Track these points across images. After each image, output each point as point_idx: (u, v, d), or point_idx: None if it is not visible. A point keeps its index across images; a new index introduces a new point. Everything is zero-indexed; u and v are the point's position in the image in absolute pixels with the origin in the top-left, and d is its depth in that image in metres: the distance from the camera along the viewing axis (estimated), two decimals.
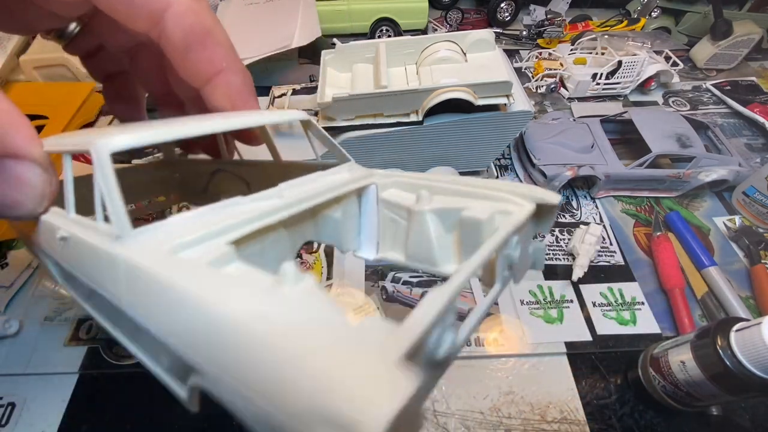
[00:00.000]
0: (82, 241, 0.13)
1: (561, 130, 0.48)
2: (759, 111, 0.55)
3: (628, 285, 0.39)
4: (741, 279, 0.40)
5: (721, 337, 0.25)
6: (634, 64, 0.55)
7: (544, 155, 0.45)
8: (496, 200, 0.14)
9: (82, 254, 0.13)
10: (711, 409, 0.31)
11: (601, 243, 0.42)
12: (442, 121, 0.38)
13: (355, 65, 0.41)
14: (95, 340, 0.34)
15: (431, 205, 0.14)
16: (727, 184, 0.46)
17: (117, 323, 0.14)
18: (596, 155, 0.46)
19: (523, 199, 0.13)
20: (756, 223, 0.44)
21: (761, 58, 0.66)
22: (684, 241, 0.41)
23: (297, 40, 0.50)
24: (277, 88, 0.46)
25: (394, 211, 0.16)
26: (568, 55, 0.60)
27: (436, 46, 0.39)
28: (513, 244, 0.13)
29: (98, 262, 0.12)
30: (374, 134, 0.39)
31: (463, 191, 0.14)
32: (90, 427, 0.31)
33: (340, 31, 0.67)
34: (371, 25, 0.67)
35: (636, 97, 0.59)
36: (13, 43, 0.53)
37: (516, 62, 0.63)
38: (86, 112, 0.53)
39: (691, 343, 0.27)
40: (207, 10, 0.17)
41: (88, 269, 0.13)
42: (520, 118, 0.39)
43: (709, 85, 0.61)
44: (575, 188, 0.47)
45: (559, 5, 0.72)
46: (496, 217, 0.13)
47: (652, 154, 0.43)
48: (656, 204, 0.46)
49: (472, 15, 0.76)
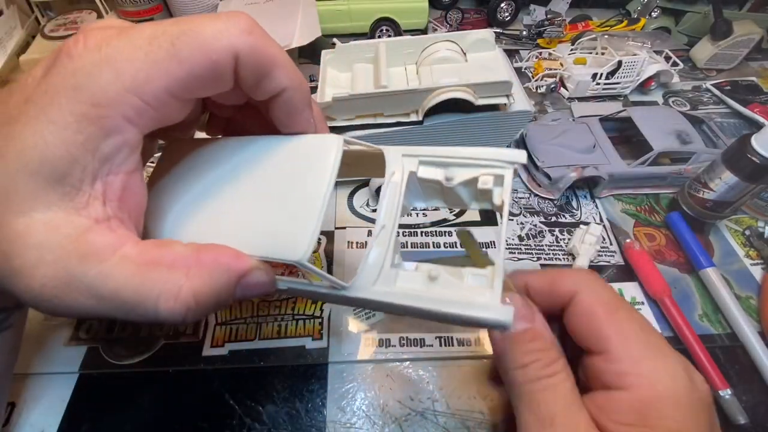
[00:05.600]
0: (316, 291, 0.20)
1: (562, 131, 0.48)
2: (759, 111, 0.55)
3: (627, 285, 0.39)
4: (741, 279, 0.40)
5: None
6: (634, 64, 0.55)
7: (547, 157, 0.45)
8: (492, 167, 0.20)
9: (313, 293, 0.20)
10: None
11: (601, 243, 0.42)
12: (442, 121, 0.38)
13: (355, 65, 0.41)
14: (95, 340, 0.34)
15: (456, 181, 0.20)
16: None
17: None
18: (599, 155, 0.46)
19: (505, 163, 0.20)
20: (756, 216, 0.44)
21: (761, 58, 0.66)
22: (683, 241, 0.41)
23: (297, 40, 0.50)
24: None
25: (428, 183, 0.22)
26: (568, 55, 0.60)
27: (436, 46, 0.39)
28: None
29: (331, 297, 0.20)
30: (374, 134, 0.39)
31: (470, 163, 0.20)
32: (90, 427, 0.31)
33: (340, 31, 0.67)
34: (371, 25, 0.67)
35: (636, 97, 0.59)
36: (13, 43, 0.53)
37: (516, 62, 0.63)
38: None
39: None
40: (263, 40, 0.17)
41: (320, 298, 0.22)
42: (520, 118, 0.39)
43: (709, 85, 0.60)
44: (575, 188, 0.47)
45: (559, 5, 0.72)
46: (496, 180, 0.20)
47: (654, 152, 0.44)
48: (656, 203, 0.46)
49: (472, 15, 0.76)
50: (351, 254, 0.40)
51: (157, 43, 0.15)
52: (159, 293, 0.16)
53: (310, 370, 0.34)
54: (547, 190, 0.46)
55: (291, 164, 0.20)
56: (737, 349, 0.36)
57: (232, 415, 0.31)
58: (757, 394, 0.33)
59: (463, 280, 0.19)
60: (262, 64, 0.17)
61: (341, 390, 0.33)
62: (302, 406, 0.32)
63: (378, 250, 0.19)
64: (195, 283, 0.16)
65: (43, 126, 0.14)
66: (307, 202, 0.18)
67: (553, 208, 0.46)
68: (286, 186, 0.20)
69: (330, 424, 0.31)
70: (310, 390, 0.33)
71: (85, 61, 0.15)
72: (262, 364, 0.34)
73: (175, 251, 0.17)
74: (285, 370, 0.34)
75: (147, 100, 0.15)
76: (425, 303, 0.18)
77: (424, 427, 0.31)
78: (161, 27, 0.16)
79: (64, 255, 0.15)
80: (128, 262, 0.16)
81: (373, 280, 0.19)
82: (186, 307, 0.16)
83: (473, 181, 0.20)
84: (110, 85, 0.15)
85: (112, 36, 0.15)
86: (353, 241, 0.42)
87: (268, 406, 0.32)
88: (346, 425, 0.31)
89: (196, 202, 0.20)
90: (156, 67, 0.15)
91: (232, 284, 0.18)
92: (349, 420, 0.31)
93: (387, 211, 0.20)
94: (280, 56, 0.18)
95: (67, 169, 0.15)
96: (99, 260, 0.15)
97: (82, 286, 0.15)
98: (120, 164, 0.16)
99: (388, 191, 0.21)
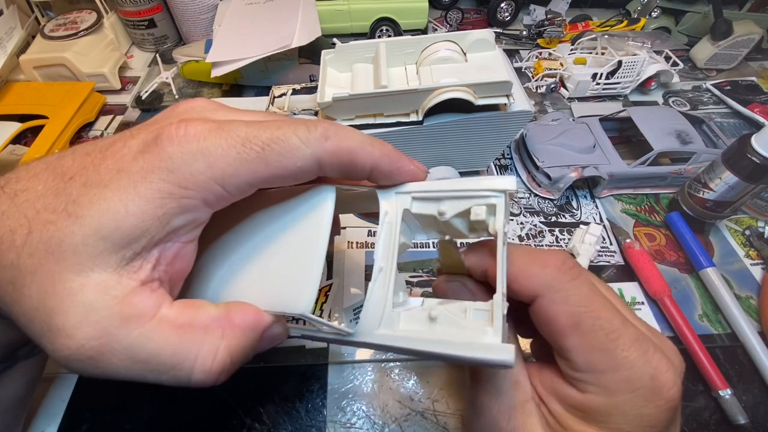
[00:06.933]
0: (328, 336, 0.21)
1: (562, 131, 0.48)
2: (759, 111, 0.55)
3: (627, 285, 0.39)
4: (741, 279, 0.40)
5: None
6: (634, 64, 0.55)
7: (547, 157, 0.45)
8: (482, 197, 0.20)
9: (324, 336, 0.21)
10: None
11: (601, 243, 0.42)
12: (442, 121, 0.38)
13: (355, 65, 0.41)
14: None
15: (449, 215, 0.20)
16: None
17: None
18: (599, 155, 0.46)
19: (494, 192, 0.19)
20: (756, 216, 0.44)
21: (761, 58, 0.66)
22: (683, 241, 0.41)
23: (297, 40, 0.49)
24: (277, 88, 0.46)
25: (424, 218, 0.22)
26: (568, 55, 0.60)
27: (436, 46, 0.39)
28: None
29: (338, 341, 0.20)
30: (374, 134, 0.39)
31: (459, 195, 0.20)
32: (90, 427, 0.31)
33: (340, 30, 0.67)
34: (371, 25, 0.67)
35: (636, 97, 0.59)
36: (13, 43, 0.53)
37: (516, 62, 0.63)
38: (86, 111, 0.53)
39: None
40: (340, 139, 0.18)
41: (330, 341, 0.21)
42: (520, 118, 0.39)
43: (709, 85, 0.61)
44: (575, 188, 0.47)
45: (559, 5, 0.72)
46: (489, 209, 0.20)
47: (654, 151, 0.44)
48: (656, 203, 0.46)
49: (472, 15, 0.76)
50: (351, 254, 0.40)
51: (249, 145, 0.17)
52: (197, 355, 0.17)
53: (310, 370, 0.34)
54: (547, 190, 0.46)
55: (290, 217, 0.21)
56: (737, 349, 0.36)
57: (232, 415, 0.31)
58: (757, 394, 0.33)
59: (465, 315, 0.19)
60: (343, 162, 0.18)
61: (341, 390, 0.33)
62: (302, 406, 0.32)
63: (378, 294, 0.20)
64: (231, 343, 0.17)
65: (131, 197, 0.15)
66: (307, 255, 0.19)
67: (553, 208, 0.46)
68: (287, 240, 0.20)
69: (330, 424, 0.31)
70: (310, 390, 0.33)
71: (184, 149, 0.16)
72: (263, 364, 0.34)
73: (209, 313, 0.18)
74: (285, 370, 0.34)
75: (229, 190, 0.17)
76: (427, 345, 0.18)
77: (424, 427, 0.31)
78: (254, 130, 0.17)
79: (108, 316, 0.15)
80: (167, 324, 0.16)
81: (376, 324, 0.19)
82: (222, 367, 0.17)
83: (466, 212, 0.20)
84: (201, 174, 0.16)
85: (211, 130, 0.17)
86: (353, 241, 0.42)
87: (268, 406, 0.32)
88: (346, 425, 0.31)
89: (213, 260, 0.21)
90: (245, 167, 0.17)
91: (258, 340, 0.19)
92: (349, 420, 0.31)
93: (384, 253, 0.20)
94: (358, 145, 0.19)
95: (136, 237, 0.16)
96: (140, 323, 0.16)
97: (120, 347, 0.15)
98: (182, 235, 0.17)
99: (383, 232, 0.20)
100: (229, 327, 0.18)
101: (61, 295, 0.15)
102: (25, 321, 0.15)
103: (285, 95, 0.44)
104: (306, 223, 0.20)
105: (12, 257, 0.15)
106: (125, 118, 0.56)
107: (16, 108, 0.50)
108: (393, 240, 0.20)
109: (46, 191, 0.16)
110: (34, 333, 0.15)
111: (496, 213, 0.19)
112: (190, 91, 0.60)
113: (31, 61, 0.56)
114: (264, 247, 0.21)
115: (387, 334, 0.19)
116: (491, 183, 0.19)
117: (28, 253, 0.15)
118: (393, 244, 0.20)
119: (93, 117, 0.55)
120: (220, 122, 0.17)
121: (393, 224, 0.21)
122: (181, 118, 0.18)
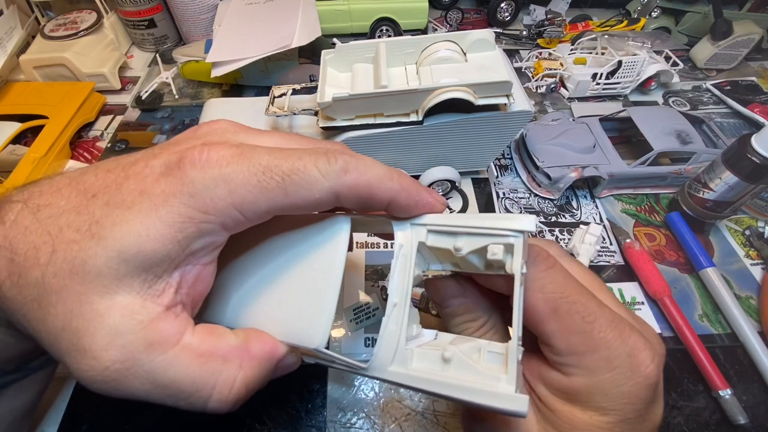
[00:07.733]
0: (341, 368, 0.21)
1: (562, 131, 0.48)
2: (759, 111, 0.55)
3: (627, 285, 0.39)
4: (741, 279, 0.40)
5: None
6: (634, 64, 0.55)
7: (548, 157, 0.45)
8: (500, 236, 0.19)
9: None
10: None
11: (601, 243, 0.42)
12: (442, 121, 0.38)
13: (355, 65, 0.41)
14: None
15: (465, 251, 0.20)
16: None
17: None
18: (599, 155, 0.46)
19: (512, 232, 0.18)
20: (756, 216, 0.44)
21: (761, 58, 0.66)
22: (683, 241, 0.41)
23: (297, 40, 0.49)
24: (277, 88, 0.46)
25: (438, 250, 0.21)
26: (568, 55, 0.60)
27: (436, 46, 0.39)
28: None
29: (352, 372, 0.20)
30: (374, 134, 0.39)
31: (477, 232, 0.19)
32: (90, 427, 0.31)
33: (340, 30, 0.67)
34: (371, 25, 0.67)
35: (636, 97, 0.59)
36: (13, 43, 0.53)
37: (516, 62, 0.63)
38: (86, 111, 0.53)
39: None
40: (359, 173, 0.18)
41: (344, 371, 0.22)
42: (520, 118, 0.39)
43: (709, 85, 0.61)
44: (575, 188, 0.47)
45: (559, 5, 0.72)
46: (506, 248, 0.19)
47: (654, 151, 0.44)
48: (656, 203, 0.46)
49: (472, 15, 0.76)
50: (351, 254, 0.40)
51: (270, 174, 0.17)
52: (215, 384, 0.17)
53: (310, 370, 0.34)
54: (547, 190, 0.46)
55: (306, 246, 0.21)
56: (737, 349, 0.36)
57: (232, 415, 0.31)
58: (757, 394, 0.33)
59: (479, 356, 0.19)
60: (362, 196, 0.18)
61: (341, 390, 0.33)
62: (302, 406, 0.32)
63: (392, 329, 0.20)
64: (247, 374, 0.18)
65: (152, 221, 0.16)
66: (322, 288, 0.20)
67: (553, 208, 0.46)
68: (302, 269, 0.21)
69: (330, 424, 0.31)
70: (310, 390, 0.33)
71: (205, 175, 0.16)
72: None
73: (229, 342, 0.18)
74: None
75: (248, 216, 0.17)
76: (440, 388, 0.18)
77: (424, 427, 0.31)
78: (275, 159, 0.17)
79: (133, 340, 0.15)
80: (189, 351, 0.17)
81: (389, 360, 0.19)
82: (237, 397, 0.18)
83: (483, 249, 0.19)
84: (221, 200, 0.16)
85: (233, 156, 0.17)
86: (356, 241, 0.42)
87: (269, 407, 0.32)
88: (346, 425, 0.31)
89: (230, 282, 0.21)
90: (264, 195, 0.17)
91: (272, 370, 0.19)
92: (349, 420, 0.31)
93: (398, 288, 0.20)
94: (377, 180, 0.19)
95: (158, 261, 0.16)
96: (164, 348, 0.16)
97: (142, 372, 0.15)
98: (201, 257, 0.18)
99: (398, 266, 0.20)
100: (246, 357, 0.18)
101: (88, 317, 0.15)
102: (50, 339, 0.15)
103: (285, 95, 0.44)
104: (321, 254, 0.20)
105: (37, 275, 0.15)
106: (125, 118, 0.56)
107: (16, 108, 0.50)
108: (408, 274, 0.20)
109: (68, 208, 0.16)
110: (59, 352, 0.15)
111: (514, 254, 0.18)
112: (190, 91, 0.60)
113: (31, 61, 0.56)
114: (280, 274, 0.21)
115: (400, 372, 0.19)
116: (510, 222, 0.18)
117: (53, 272, 0.15)
118: (408, 278, 0.20)
119: (93, 117, 0.55)
120: (242, 147, 0.17)
121: (408, 257, 0.20)
122: (204, 141, 0.18)
